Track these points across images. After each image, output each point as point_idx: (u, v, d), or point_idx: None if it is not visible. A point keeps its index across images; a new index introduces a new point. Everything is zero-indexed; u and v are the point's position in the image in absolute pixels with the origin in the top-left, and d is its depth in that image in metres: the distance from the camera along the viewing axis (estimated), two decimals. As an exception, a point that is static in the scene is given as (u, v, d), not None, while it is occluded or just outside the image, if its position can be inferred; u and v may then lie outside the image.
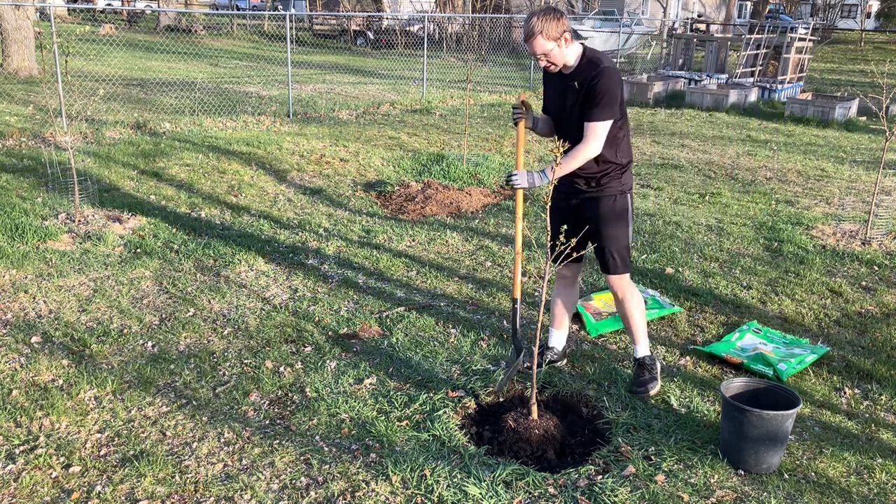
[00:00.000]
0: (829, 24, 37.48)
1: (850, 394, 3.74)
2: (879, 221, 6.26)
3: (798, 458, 3.17)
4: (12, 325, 4.13)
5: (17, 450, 3.05)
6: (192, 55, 18.51)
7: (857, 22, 42.25)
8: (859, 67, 23.43)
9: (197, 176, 7.31)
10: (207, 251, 5.37)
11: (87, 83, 11.48)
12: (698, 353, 4.10)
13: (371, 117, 11.36)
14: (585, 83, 3.26)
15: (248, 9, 37.75)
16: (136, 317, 4.31)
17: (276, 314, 4.42)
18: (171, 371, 3.72)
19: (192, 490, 2.86)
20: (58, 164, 6.78)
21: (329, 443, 3.17)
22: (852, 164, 9.16)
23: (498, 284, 4.98)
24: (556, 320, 3.86)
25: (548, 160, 8.75)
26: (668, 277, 5.20)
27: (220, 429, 3.25)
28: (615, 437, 3.26)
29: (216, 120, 10.20)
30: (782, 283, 5.17)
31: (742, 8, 43.11)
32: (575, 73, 3.32)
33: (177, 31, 24.14)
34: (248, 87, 13.88)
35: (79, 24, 23.96)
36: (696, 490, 2.92)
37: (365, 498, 2.83)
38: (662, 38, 21.65)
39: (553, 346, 3.87)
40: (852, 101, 13.15)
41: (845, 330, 4.50)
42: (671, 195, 7.45)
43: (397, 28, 25.75)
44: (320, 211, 6.56)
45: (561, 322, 3.85)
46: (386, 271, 5.16)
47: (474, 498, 2.82)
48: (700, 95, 13.92)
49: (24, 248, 5.19)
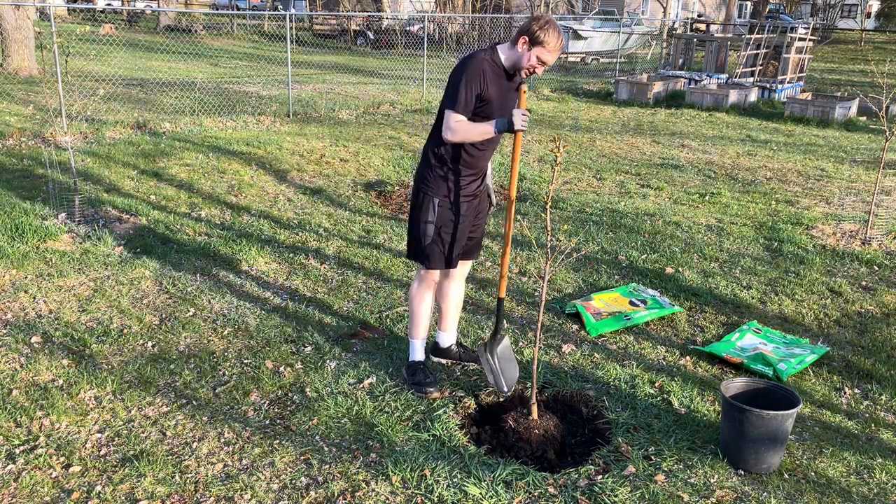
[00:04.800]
0: (829, 23, 37.48)
1: (850, 394, 3.75)
2: (879, 221, 6.26)
3: (798, 458, 3.17)
4: (12, 325, 4.13)
5: (17, 450, 3.05)
6: (192, 55, 18.51)
7: (857, 22, 42.25)
8: (859, 67, 23.43)
9: (197, 176, 7.31)
10: (208, 251, 5.37)
11: (87, 83, 11.48)
12: (698, 353, 4.10)
13: (371, 117, 11.35)
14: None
15: (248, 9, 37.74)
16: (136, 317, 4.31)
17: (276, 314, 4.42)
18: (171, 371, 3.72)
19: (192, 490, 2.86)
20: (58, 164, 6.77)
21: (329, 443, 3.17)
22: (852, 164, 9.16)
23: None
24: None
25: (548, 160, 8.75)
26: (668, 277, 5.20)
27: (220, 429, 3.25)
28: (615, 437, 3.26)
29: (216, 120, 10.20)
30: (782, 283, 5.17)
31: (742, 8, 43.11)
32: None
33: (177, 30, 24.14)
34: (248, 87, 13.88)
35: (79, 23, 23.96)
36: (696, 490, 2.92)
37: (365, 498, 2.83)
38: (662, 38, 21.64)
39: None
40: (852, 101, 13.14)
41: (845, 330, 4.50)
42: (671, 195, 7.45)
43: (397, 28, 25.75)
44: (320, 211, 6.56)
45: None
46: (386, 271, 5.16)
47: (474, 498, 2.82)
48: (700, 95, 13.92)
49: (24, 248, 5.19)
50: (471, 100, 3.19)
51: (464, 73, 3.17)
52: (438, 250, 3.45)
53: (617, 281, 5.12)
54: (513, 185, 3.31)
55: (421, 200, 3.42)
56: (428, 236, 3.42)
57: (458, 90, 3.17)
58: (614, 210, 6.77)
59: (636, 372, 3.84)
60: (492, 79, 3.21)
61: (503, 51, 3.27)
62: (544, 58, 3.20)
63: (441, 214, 3.40)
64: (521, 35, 3.19)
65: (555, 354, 4.03)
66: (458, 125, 3.19)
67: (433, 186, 3.38)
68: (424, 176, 3.41)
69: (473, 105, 3.20)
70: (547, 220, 3.05)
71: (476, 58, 3.21)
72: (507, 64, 3.26)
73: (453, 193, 3.40)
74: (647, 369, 3.89)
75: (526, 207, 6.81)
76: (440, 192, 3.38)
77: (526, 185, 7.52)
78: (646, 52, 24.91)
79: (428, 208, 3.39)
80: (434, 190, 3.38)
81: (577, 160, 8.94)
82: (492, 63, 3.23)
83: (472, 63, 3.19)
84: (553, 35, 3.16)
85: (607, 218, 6.52)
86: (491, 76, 3.21)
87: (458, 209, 3.43)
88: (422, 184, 3.42)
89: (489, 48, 3.29)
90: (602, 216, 6.57)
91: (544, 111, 12.95)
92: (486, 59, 3.22)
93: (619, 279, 5.16)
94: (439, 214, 3.39)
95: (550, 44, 3.16)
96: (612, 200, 7.13)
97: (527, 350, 4.03)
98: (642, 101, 14.22)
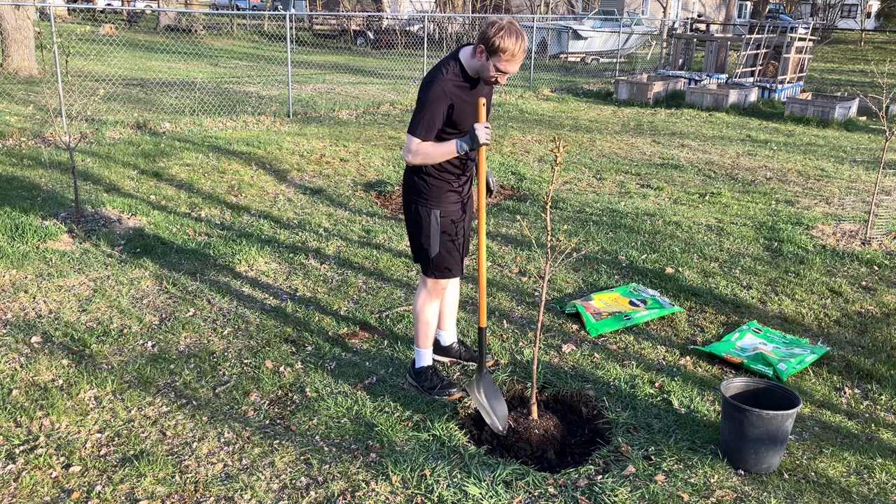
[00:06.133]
0: (829, 23, 37.47)
1: (850, 394, 3.75)
2: (879, 221, 6.26)
3: (798, 458, 3.17)
4: (12, 325, 4.13)
5: (17, 450, 3.05)
6: (192, 55, 18.51)
7: (857, 22, 42.25)
8: (859, 67, 23.43)
9: (197, 176, 7.31)
10: (207, 251, 5.37)
11: (87, 83, 11.49)
12: (698, 353, 4.10)
13: (371, 117, 11.36)
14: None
15: (248, 9, 37.75)
16: (136, 317, 4.31)
17: (276, 314, 4.42)
18: (171, 371, 3.72)
19: (192, 490, 2.86)
20: (58, 164, 6.77)
21: (329, 443, 3.17)
22: (852, 164, 9.16)
23: (498, 284, 4.98)
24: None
25: (548, 160, 8.75)
26: (668, 277, 5.20)
27: (220, 429, 3.25)
28: (615, 437, 3.26)
29: (216, 120, 10.20)
30: (782, 282, 5.17)
31: (742, 8, 43.11)
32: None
33: (177, 30, 24.15)
34: (248, 87, 13.88)
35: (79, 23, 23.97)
36: (696, 490, 2.92)
37: (365, 498, 2.83)
38: (662, 38, 21.64)
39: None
40: (852, 101, 13.14)
41: (845, 330, 4.50)
42: (671, 195, 7.45)
43: (397, 28, 25.75)
44: (320, 211, 6.56)
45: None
46: (386, 271, 5.16)
47: (474, 498, 2.82)
48: (700, 95, 13.92)
49: (24, 248, 5.19)
50: (433, 125, 3.08)
51: (427, 98, 3.06)
52: (449, 259, 3.39)
53: (617, 281, 5.12)
54: (481, 199, 3.17)
55: (418, 213, 3.33)
56: (434, 249, 3.34)
57: (421, 114, 3.07)
58: (614, 210, 6.77)
59: (636, 372, 3.85)
60: (456, 96, 3.08)
61: (466, 59, 3.10)
62: (503, 67, 3.01)
63: (444, 225, 3.32)
64: (478, 43, 3.01)
65: (555, 354, 4.03)
66: (418, 148, 3.12)
67: (430, 198, 3.28)
68: (418, 189, 3.29)
69: (437, 128, 3.10)
70: (547, 220, 3.04)
71: (437, 80, 3.06)
72: (471, 73, 3.11)
73: (450, 202, 3.32)
74: (647, 369, 3.89)
75: (526, 207, 6.81)
76: (439, 204, 3.29)
77: (526, 185, 7.52)
78: (646, 52, 24.91)
79: (430, 221, 3.30)
80: (433, 202, 3.29)
81: (577, 160, 8.94)
82: (454, 78, 3.08)
83: (433, 87, 3.05)
84: (510, 41, 2.94)
85: (607, 218, 6.52)
86: (455, 94, 3.08)
87: (457, 215, 3.37)
88: (416, 196, 3.31)
89: (451, 59, 3.12)
90: (602, 216, 6.57)
91: (544, 111, 12.95)
92: (448, 79, 3.07)
93: (619, 279, 5.16)
94: (442, 225, 3.31)
95: (508, 51, 2.95)
96: (612, 200, 7.13)
97: (527, 350, 4.03)
98: (642, 101, 14.22)
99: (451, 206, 3.33)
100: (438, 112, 3.06)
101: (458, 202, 3.35)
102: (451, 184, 3.30)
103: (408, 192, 3.37)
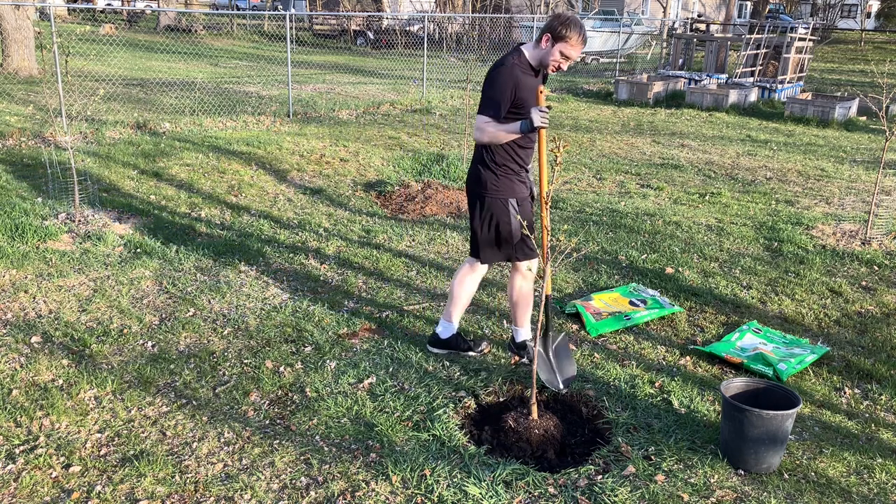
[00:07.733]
0: (829, 23, 37.47)
1: (850, 394, 3.75)
2: (879, 221, 6.26)
3: (798, 458, 3.17)
4: (12, 325, 4.13)
5: (17, 450, 3.05)
6: (192, 55, 18.52)
7: (857, 22, 42.25)
8: (859, 67, 23.43)
9: (197, 176, 7.31)
10: (207, 251, 5.37)
11: (87, 83, 11.49)
12: (698, 353, 4.10)
13: (371, 117, 11.35)
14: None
15: (248, 9, 37.75)
16: (136, 317, 4.31)
17: (276, 314, 4.42)
18: (171, 371, 3.72)
19: (192, 490, 2.86)
20: (58, 164, 6.78)
21: (329, 443, 3.17)
22: (852, 164, 9.16)
23: (498, 284, 4.98)
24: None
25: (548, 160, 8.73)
26: (668, 277, 5.20)
27: (220, 429, 3.25)
28: (615, 437, 3.26)
29: (216, 120, 10.20)
30: (782, 282, 5.17)
31: (742, 8, 43.11)
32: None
33: (177, 30, 24.15)
34: (248, 87, 13.88)
35: (79, 23, 23.97)
36: (696, 490, 2.92)
37: (365, 498, 2.83)
38: (662, 38, 21.64)
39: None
40: (852, 101, 13.14)
41: (845, 330, 4.50)
42: (671, 195, 7.45)
43: (397, 28, 25.75)
44: (320, 211, 6.56)
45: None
46: (386, 271, 5.16)
47: (474, 498, 2.82)
48: (700, 95, 13.92)
49: (24, 248, 5.19)
50: (502, 105, 3.39)
51: (497, 81, 3.39)
52: (529, 240, 3.67)
53: (617, 281, 5.12)
54: (542, 183, 3.42)
55: (493, 205, 3.59)
56: (516, 235, 3.63)
57: (491, 96, 3.40)
58: (614, 210, 6.77)
59: (636, 372, 3.85)
60: (523, 81, 3.40)
61: (528, 50, 3.47)
62: (567, 52, 3.38)
63: (522, 211, 3.62)
64: (544, 33, 3.38)
65: (555, 354, 4.02)
66: (486, 126, 3.43)
67: (504, 190, 3.58)
68: (488, 183, 3.58)
69: (507, 110, 3.40)
70: (546, 219, 3.05)
71: (506, 64, 3.41)
72: (533, 62, 3.46)
73: (521, 192, 3.63)
74: (647, 369, 3.89)
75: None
76: (515, 193, 3.60)
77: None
78: (646, 52, 24.92)
79: (508, 210, 3.59)
80: (507, 192, 3.59)
81: (577, 160, 8.94)
82: (521, 65, 3.43)
83: (504, 70, 3.40)
84: (575, 31, 3.35)
85: (607, 218, 6.52)
86: (522, 79, 3.40)
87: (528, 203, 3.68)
88: (490, 190, 3.58)
89: (514, 52, 3.49)
90: (602, 216, 6.57)
91: (544, 111, 12.93)
92: (516, 64, 3.41)
93: (619, 279, 5.16)
94: (521, 212, 3.61)
95: (573, 39, 3.35)
96: (612, 200, 7.13)
97: (527, 350, 4.03)
98: (642, 101, 14.22)
99: (524, 196, 3.66)
100: (507, 92, 3.38)
101: (526, 191, 3.67)
102: (520, 177, 3.63)
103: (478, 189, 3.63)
